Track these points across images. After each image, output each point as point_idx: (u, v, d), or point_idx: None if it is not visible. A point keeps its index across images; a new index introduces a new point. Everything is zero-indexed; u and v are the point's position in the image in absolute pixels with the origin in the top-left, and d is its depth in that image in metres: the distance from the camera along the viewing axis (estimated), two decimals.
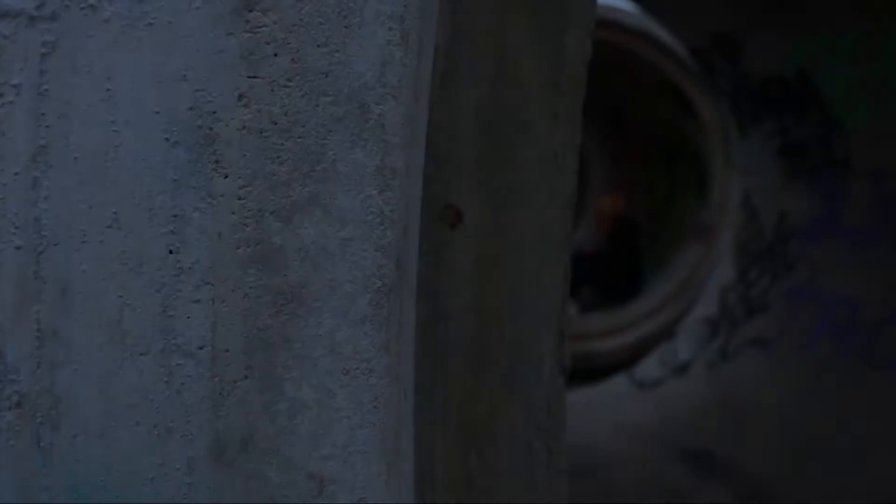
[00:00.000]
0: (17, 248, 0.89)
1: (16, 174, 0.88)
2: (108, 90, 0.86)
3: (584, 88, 1.43)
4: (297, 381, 0.89)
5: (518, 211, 1.41)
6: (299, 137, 0.87)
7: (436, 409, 1.40)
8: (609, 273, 7.12)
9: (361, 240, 0.89)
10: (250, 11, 0.86)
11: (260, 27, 0.86)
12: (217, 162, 0.86)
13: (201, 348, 0.88)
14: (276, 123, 0.87)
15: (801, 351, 4.54)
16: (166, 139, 0.86)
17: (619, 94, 7.01)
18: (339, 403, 0.90)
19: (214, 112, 0.86)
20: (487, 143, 1.38)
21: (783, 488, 3.92)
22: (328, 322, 0.89)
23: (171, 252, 0.87)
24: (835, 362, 4.35)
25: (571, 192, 1.43)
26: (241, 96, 0.86)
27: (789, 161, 4.73)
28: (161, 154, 0.86)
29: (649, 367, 5.20)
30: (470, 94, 1.36)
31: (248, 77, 0.86)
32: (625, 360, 5.57)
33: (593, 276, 7.09)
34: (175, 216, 0.87)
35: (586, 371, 5.77)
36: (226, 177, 0.86)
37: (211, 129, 0.86)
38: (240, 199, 0.87)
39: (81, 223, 0.86)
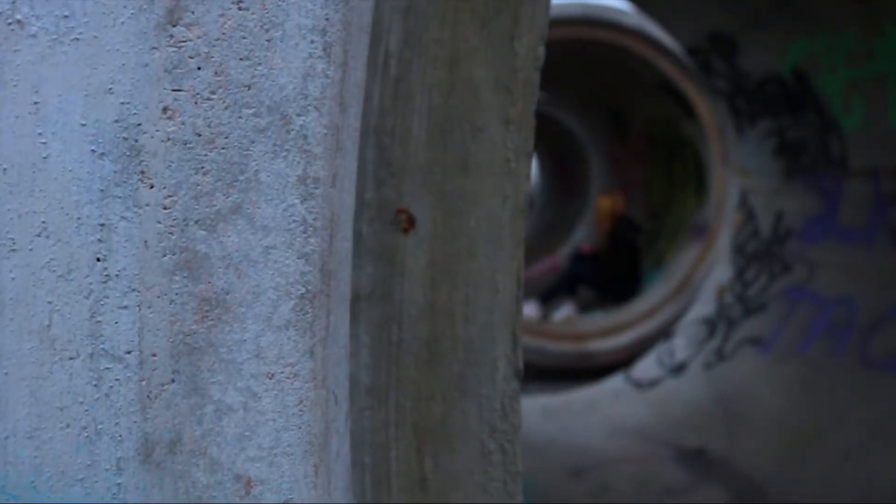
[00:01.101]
0: None
1: None
2: (36, 103, 0.88)
3: (536, 94, 1.45)
4: (223, 384, 0.91)
5: (471, 216, 1.43)
6: (222, 148, 0.89)
7: (390, 412, 1.42)
8: (608, 273, 7.13)
9: (284, 247, 0.91)
10: (174, 26, 0.88)
11: (184, 42, 0.88)
12: (143, 172, 0.89)
13: (129, 353, 0.90)
14: (199, 135, 0.89)
15: (797, 350, 4.53)
16: (93, 150, 0.88)
17: (618, 94, 7.01)
18: (265, 406, 0.92)
19: (140, 124, 0.88)
20: (440, 149, 1.40)
21: (779, 488, 3.92)
22: (252, 327, 0.91)
23: (98, 260, 0.89)
24: (831, 362, 4.34)
25: (524, 198, 1.45)
26: (165, 109, 0.89)
27: (786, 161, 4.73)
28: (88, 165, 0.88)
29: (647, 366, 5.21)
30: (422, 99, 1.38)
31: (173, 90, 0.89)
32: (623, 360, 5.57)
33: (592, 275, 7.10)
34: (102, 225, 0.89)
35: (584, 371, 5.78)
36: (151, 187, 0.89)
37: (136, 140, 0.88)
38: (165, 208, 0.89)
39: (11, 232, 0.89)
